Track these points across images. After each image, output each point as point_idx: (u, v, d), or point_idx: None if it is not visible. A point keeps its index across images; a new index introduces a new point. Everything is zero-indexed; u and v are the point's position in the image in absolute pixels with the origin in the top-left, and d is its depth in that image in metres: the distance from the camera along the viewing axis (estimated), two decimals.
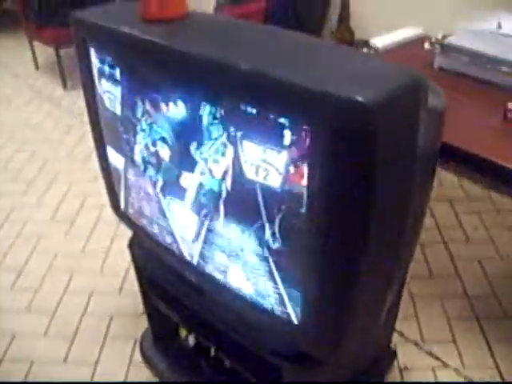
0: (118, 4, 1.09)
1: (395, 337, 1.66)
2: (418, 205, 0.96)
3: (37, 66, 4.00)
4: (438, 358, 1.68)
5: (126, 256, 2.10)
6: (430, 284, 1.98)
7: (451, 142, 1.22)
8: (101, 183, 2.57)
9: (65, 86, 3.66)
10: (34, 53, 3.91)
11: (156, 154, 1.02)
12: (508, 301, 1.89)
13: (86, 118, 3.57)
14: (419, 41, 1.83)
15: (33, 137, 3.12)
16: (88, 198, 2.54)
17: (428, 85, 0.78)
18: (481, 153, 1.27)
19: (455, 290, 1.96)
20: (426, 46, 1.76)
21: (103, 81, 1.07)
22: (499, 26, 1.89)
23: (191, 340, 1.52)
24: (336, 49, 0.81)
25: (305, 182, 0.78)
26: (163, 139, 0.98)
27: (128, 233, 1.47)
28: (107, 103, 1.09)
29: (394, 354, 1.61)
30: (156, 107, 0.95)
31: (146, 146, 1.03)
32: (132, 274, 2.01)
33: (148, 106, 0.97)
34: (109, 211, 2.38)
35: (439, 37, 1.82)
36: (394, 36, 1.76)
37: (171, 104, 0.91)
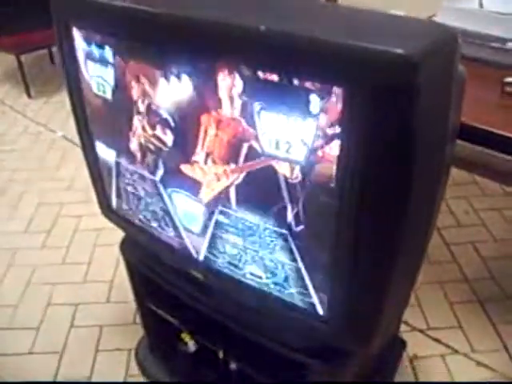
0: None
1: (401, 326, 1.61)
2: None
3: None
4: (446, 345, 1.64)
5: (110, 264, 2.02)
6: (427, 270, 1.93)
7: None
8: (75, 192, 2.50)
9: (29, 94, 3.50)
10: None
11: (156, 138, 0.93)
12: (507, 282, 1.87)
13: (53, 126, 3.43)
14: None
15: None
16: (63, 208, 2.41)
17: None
18: (481, 125, 1.25)
19: (454, 275, 1.93)
20: None
21: (90, 64, 0.97)
22: (481, 5, 1.88)
23: (192, 345, 1.43)
24: (355, 9, 0.74)
25: (335, 151, 0.70)
26: (165, 121, 0.89)
27: (110, 241, 1.36)
28: (95, 88, 0.99)
29: (403, 343, 1.55)
30: (155, 85, 0.86)
31: (144, 131, 0.94)
32: (118, 281, 1.93)
33: (145, 85, 0.88)
34: (86, 220, 2.30)
35: (424, 17, 1.78)
36: None
37: (173, 79, 0.82)
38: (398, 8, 1.89)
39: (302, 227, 0.81)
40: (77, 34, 0.97)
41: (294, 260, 0.86)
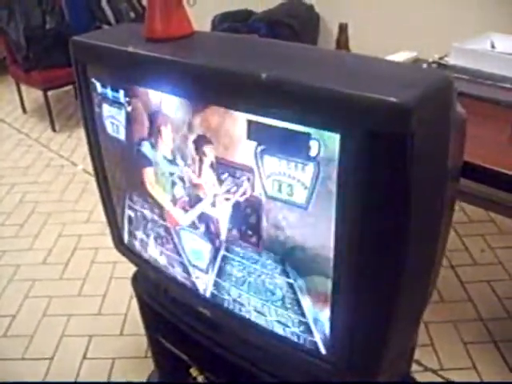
0: (118, 26, 1.05)
1: (413, 366, 1.59)
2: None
3: (24, 110, 3.96)
4: None
5: (125, 297, 2.05)
6: (441, 309, 1.91)
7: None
8: (93, 224, 2.55)
9: (53, 128, 3.62)
10: (21, 97, 3.88)
11: (166, 176, 0.96)
12: None
13: (75, 159, 3.52)
14: (415, 63, 1.82)
15: (22, 180, 3.05)
16: (81, 240, 2.47)
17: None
18: (490, 165, 1.25)
19: (468, 314, 1.90)
20: (424, 66, 1.76)
21: (105, 106, 1.02)
22: (492, 46, 1.91)
23: (200, 380, 1.43)
24: (355, 56, 0.77)
25: (333, 194, 0.72)
26: (173, 160, 0.92)
27: (125, 274, 1.40)
28: (110, 129, 1.04)
29: None
30: (164, 127, 0.90)
31: (155, 169, 0.98)
32: (132, 314, 1.95)
33: (155, 127, 0.92)
34: (103, 253, 2.34)
35: (435, 57, 1.82)
36: (392, 58, 1.75)
37: (182, 122, 0.86)
38: (410, 49, 1.94)
39: (303, 267, 0.82)
40: (93, 77, 1.02)
41: (297, 299, 0.87)
